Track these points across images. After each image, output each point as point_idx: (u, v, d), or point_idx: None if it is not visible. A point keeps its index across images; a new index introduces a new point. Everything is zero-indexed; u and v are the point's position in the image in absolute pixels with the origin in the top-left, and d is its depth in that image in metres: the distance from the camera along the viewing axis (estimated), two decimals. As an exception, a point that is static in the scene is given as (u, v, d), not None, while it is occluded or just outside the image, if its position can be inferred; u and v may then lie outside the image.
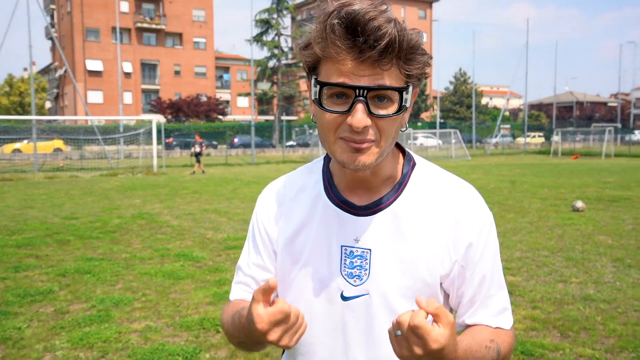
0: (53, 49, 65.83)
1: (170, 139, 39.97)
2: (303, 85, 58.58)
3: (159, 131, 25.42)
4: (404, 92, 0.95)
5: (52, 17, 63.52)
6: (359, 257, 1.06)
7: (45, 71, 70.90)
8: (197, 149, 21.97)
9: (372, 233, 1.06)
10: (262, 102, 57.20)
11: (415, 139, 42.58)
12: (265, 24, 52.60)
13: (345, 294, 1.08)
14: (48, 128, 33.92)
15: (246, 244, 1.22)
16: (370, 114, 0.93)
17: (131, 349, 4.04)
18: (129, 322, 4.61)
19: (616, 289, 5.36)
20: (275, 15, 52.64)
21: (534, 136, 55.60)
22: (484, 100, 67.68)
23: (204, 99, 54.37)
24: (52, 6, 63.55)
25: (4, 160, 28.32)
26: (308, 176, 1.16)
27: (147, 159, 25.71)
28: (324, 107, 0.96)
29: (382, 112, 0.95)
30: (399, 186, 1.07)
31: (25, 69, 66.37)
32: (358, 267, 1.06)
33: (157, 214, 10.64)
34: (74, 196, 13.88)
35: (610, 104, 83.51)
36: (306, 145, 43.21)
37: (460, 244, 1.07)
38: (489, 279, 1.11)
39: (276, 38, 53.18)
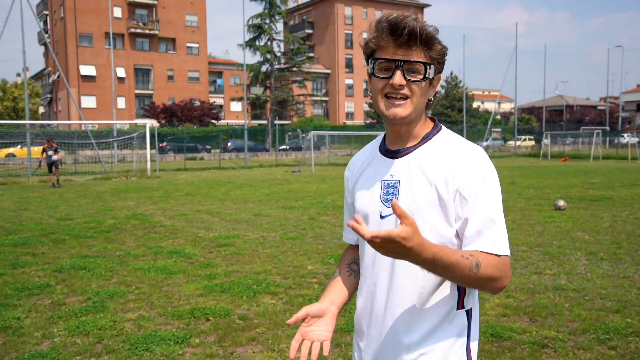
0: (46, 54, 65.89)
1: (164, 143, 40.18)
2: (296, 89, 59.04)
3: (152, 135, 25.59)
4: (427, 67, 1.41)
5: (45, 22, 63.60)
6: (392, 187, 1.50)
7: (38, 76, 70.94)
8: (53, 157, 18.63)
9: (400, 170, 1.49)
10: (255, 107, 57.35)
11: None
12: (258, 29, 52.88)
13: (382, 214, 1.51)
14: (42, 133, 34.03)
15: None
16: (405, 78, 1.40)
17: (125, 335, 4.29)
18: (123, 312, 4.86)
19: (586, 280, 5.66)
20: (267, 20, 52.93)
21: (525, 139, 56.09)
22: (475, 104, 68.05)
23: (197, 103, 54.52)
24: (45, 12, 63.65)
25: (-2, 164, 28.44)
26: (374, 144, 1.65)
27: (141, 162, 25.91)
28: (376, 75, 1.44)
29: (412, 78, 1.41)
30: (422, 140, 1.50)
31: (19, 75, 66.41)
32: (391, 194, 1.50)
33: (151, 214, 10.88)
34: (68, 199, 14.08)
35: (599, 108, 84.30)
36: (299, 149, 43.44)
37: (459, 179, 1.41)
38: (483, 219, 1.39)
39: (269, 43, 53.45)
